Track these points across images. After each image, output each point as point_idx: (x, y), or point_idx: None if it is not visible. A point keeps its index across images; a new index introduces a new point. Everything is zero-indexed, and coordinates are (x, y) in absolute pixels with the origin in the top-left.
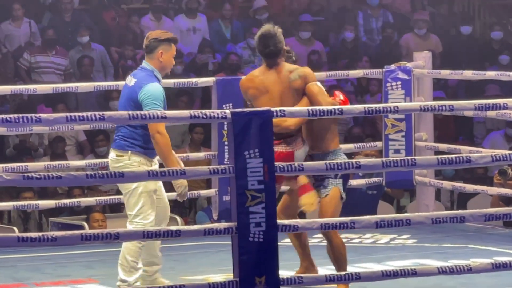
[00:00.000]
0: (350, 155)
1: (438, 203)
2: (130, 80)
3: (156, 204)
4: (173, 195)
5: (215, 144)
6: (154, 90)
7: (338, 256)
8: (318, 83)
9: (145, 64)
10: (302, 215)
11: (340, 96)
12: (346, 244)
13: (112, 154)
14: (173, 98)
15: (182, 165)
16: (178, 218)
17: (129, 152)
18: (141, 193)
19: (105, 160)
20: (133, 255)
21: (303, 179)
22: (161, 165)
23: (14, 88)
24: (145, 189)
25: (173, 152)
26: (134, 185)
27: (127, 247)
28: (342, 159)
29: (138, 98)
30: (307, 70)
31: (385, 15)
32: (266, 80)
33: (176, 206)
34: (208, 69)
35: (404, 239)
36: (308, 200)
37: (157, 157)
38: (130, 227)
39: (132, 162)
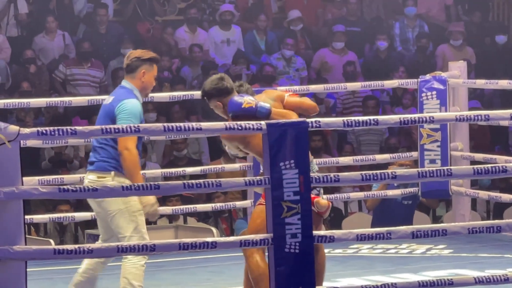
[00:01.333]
0: (386, 165)
1: (474, 213)
2: (108, 99)
3: None
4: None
5: (251, 155)
6: (131, 105)
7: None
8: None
9: (124, 83)
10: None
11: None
12: (382, 255)
13: (91, 176)
14: (209, 109)
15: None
16: (213, 229)
17: (113, 173)
18: (133, 212)
19: (142, 171)
20: (138, 279)
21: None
22: None
23: (49, 101)
24: (137, 207)
25: (140, 171)
26: (121, 205)
27: (131, 273)
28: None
29: (114, 112)
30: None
31: (421, 25)
32: None
33: (214, 216)
34: (242, 80)
35: (440, 249)
36: (322, 201)
37: None
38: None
39: (115, 183)
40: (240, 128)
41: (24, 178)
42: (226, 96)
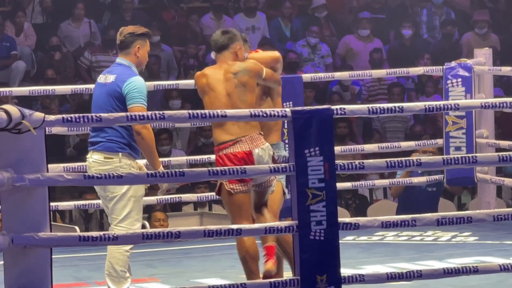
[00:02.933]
0: (410, 152)
1: (499, 200)
2: (107, 77)
3: None
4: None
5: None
6: (139, 83)
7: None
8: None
9: (120, 60)
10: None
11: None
12: (407, 242)
13: (97, 156)
14: None
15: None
16: None
17: (120, 154)
18: (130, 197)
19: (167, 159)
20: (121, 264)
21: (271, 239)
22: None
23: (75, 88)
24: (135, 193)
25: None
26: (123, 189)
27: (115, 257)
28: (282, 154)
29: (122, 91)
30: (249, 63)
31: (448, 12)
32: (213, 77)
33: None
34: None
35: (466, 236)
36: (271, 267)
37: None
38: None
39: (123, 164)
40: (265, 115)
41: (49, 165)
42: (235, 42)
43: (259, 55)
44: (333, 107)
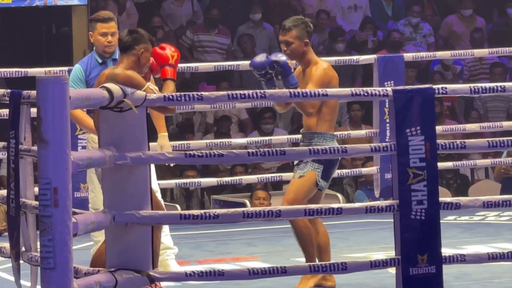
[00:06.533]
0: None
1: None
2: None
3: None
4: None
5: (377, 122)
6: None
7: (300, 244)
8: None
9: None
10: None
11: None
12: (509, 222)
13: None
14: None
15: None
16: (339, 195)
17: None
18: None
19: (269, 137)
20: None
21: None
22: None
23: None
24: None
25: None
26: None
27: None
28: (326, 145)
29: None
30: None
31: None
32: None
33: (333, 185)
34: (368, 46)
35: None
36: None
37: None
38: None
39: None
40: (366, 94)
41: (151, 144)
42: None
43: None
44: (435, 86)
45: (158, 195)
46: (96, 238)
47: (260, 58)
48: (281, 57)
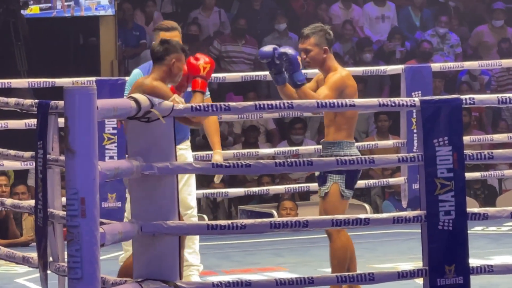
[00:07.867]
0: None
1: None
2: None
3: None
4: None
5: (404, 132)
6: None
7: (333, 260)
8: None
9: None
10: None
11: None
12: None
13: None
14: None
15: None
16: (366, 206)
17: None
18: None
19: (296, 148)
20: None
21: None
22: None
23: None
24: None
25: None
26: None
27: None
28: (343, 153)
29: None
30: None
31: None
32: None
33: (361, 195)
34: (396, 57)
35: None
36: None
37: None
38: (194, 219)
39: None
40: (393, 104)
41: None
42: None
43: None
44: (462, 96)
45: (194, 211)
46: (127, 247)
47: (268, 48)
48: (290, 50)
